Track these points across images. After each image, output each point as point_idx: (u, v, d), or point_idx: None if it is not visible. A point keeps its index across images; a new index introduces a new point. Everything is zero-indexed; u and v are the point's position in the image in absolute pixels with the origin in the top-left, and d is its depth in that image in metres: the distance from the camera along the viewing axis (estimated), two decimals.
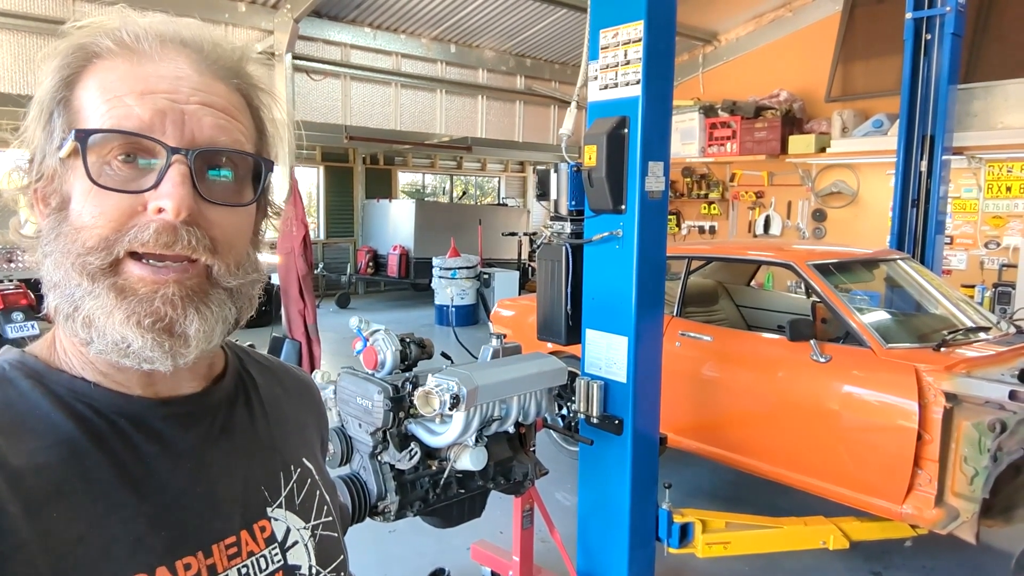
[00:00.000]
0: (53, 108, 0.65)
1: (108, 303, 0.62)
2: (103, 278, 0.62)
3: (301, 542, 0.78)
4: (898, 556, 3.65)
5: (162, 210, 0.62)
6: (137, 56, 0.65)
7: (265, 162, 0.71)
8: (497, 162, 16.18)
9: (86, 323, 0.63)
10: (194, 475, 0.70)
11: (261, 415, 0.82)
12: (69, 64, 0.65)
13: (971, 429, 3.01)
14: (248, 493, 0.75)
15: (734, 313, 5.27)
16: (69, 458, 0.62)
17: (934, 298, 4.13)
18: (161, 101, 0.63)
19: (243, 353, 0.86)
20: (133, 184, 0.63)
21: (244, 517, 0.73)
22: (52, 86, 0.65)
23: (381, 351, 2.38)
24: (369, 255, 12.62)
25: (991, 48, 6.71)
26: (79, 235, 0.63)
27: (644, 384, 2.80)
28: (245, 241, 0.71)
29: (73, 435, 0.63)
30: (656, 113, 2.66)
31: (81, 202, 0.63)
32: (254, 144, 0.72)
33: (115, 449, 0.65)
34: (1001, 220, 6.88)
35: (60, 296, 0.64)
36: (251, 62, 0.73)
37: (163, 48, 0.66)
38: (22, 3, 5.91)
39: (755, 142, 7.99)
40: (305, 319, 5.36)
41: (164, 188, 0.62)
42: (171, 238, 0.62)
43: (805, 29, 8.49)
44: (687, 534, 3.15)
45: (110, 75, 0.64)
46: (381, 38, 8.28)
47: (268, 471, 0.79)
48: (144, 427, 0.68)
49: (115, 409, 0.67)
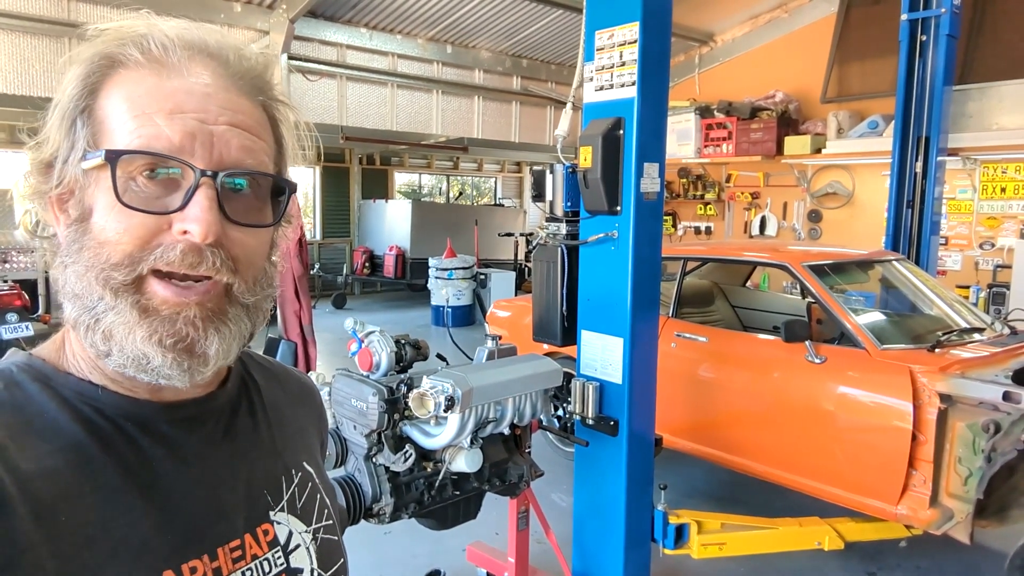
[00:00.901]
0: (76, 116, 0.64)
1: (130, 320, 0.63)
2: (126, 294, 0.63)
3: (303, 545, 0.79)
4: (893, 556, 3.66)
5: (188, 232, 0.62)
6: (166, 70, 0.64)
7: (289, 184, 0.72)
8: (493, 162, 16.18)
9: (106, 336, 0.63)
10: (199, 479, 0.70)
11: (264, 419, 0.82)
12: (93, 72, 0.64)
13: (965, 430, 3.02)
14: (251, 496, 0.75)
15: (729, 314, 5.28)
16: (77, 462, 0.63)
17: (929, 299, 4.14)
18: (191, 122, 0.63)
19: (246, 356, 0.86)
20: (159, 203, 0.63)
21: (248, 520, 0.74)
22: (75, 93, 0.64)
23: (376, 353, 2.38)
24: (365, 255, 12.60)
25: (986, 49, 6.73)
26: (103, 249, 0.63)
27: (640, 385, 2.80)
28: (264, 257, 0.72)
29: (81, 439, 0.64)
30: (652, 114, 2.66)
31: (105, 216, 0.63)
32: (274, 160, 0.72)
33: (122, 453, 0.65)
34: (996, 221, 6.90)
35: (81, 308, 0.64)
36: (270, 69, 0.73)
37: (190, 60, 0.65)
38: (18, 3, 5.89)
39: (751, 143, 8.01)
40: (301, 320, 5.35)
41: (192, 212, 0.62)
42: (197, 259, 0.63)
43: (801, 30, 8.51)
44: (682, 535, 3.15)
45: (137, 88, 0.64)
46: (377, 38, 8.27)
47: (271, 475, 0.79)
48: (150, 431, 0.68)
49: (122, 413, 0.67)
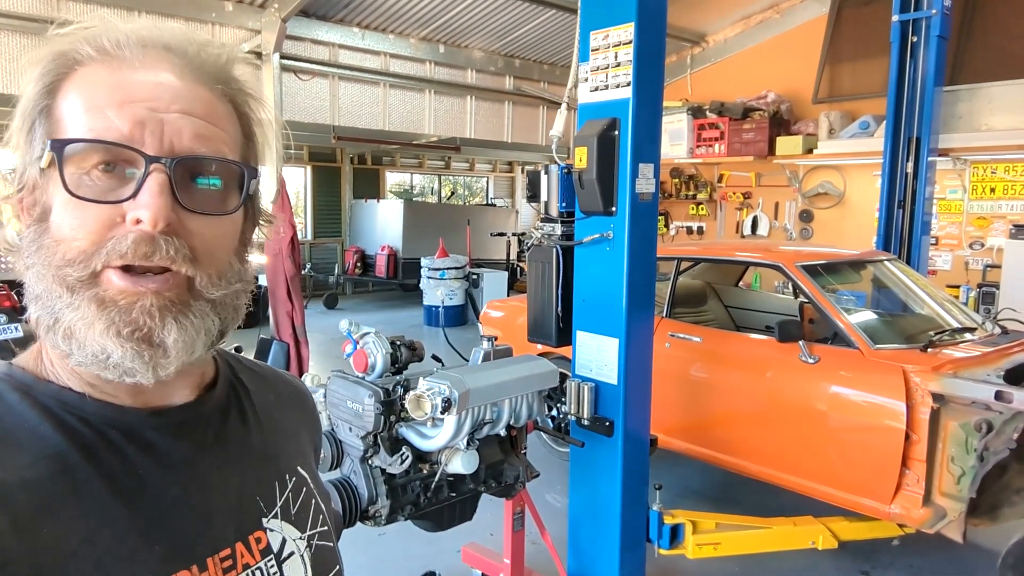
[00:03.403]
0: (35, 117, 0.64)
1: (89, 314, 0.61)
2: (83, 289, 0.61)
3: (297, 553, 0.77)
4: (886, 555, 3.67)
5: (140, 220, 0.61)
6: (118, 63, 0.63)
7: (248, 169, 0.69)
8: (485, 162, 16.17)
9: (67, 335, 0.62)
10: (187, 486, 0.69)
11: (255, 423, 0.80)
12: (50, 72, 0.63)
13: (958, 429, 3.03)
14: (243, 504, 0.74)
15: (723, 314, 5.29)
16: (59, 472, 0.61)
17: (920, 299, 4.16)
18: (140, 110, 0.62)
19: (234, 360, 0.85)
20: (111, 195, 0.61)
21: (239, 529, 0.72)
22: (34, 94, 0.64)
23: (371, 354, 2.37)
24: (357, 255, 12.57)
25: (976, 51, 6.78)
26: (59, 247, 0.62)
27: (635, 386, 2.80)
28: (228, 251, 0.69)
29: (62, 448, 0.62)
30: (647, 115, 2.66)
31: (61, 214, 0.62)
32: (240, 151, 0.70)
33: (106, 461, 0.64)
34: (985, 221, 6.95)
35: (41, 308, 0.63)
36: (238, 65, 0.71)
37: (145, 54, 0.64)
38: (7, 2, 5.83)
39: (743, 143, 8.04)
40: (293, 320, 5.33)
41: (142, 198, 0.61)
42: (150, 248, 0.61)
43: (792, 31, 8.55)
44: (677, 535, 3.16)
45: (90, 84, 0.63)
46: (369, 38, 8.24)
47: (263, 481, 0.78)
48: (135, 438, 0.66)
49: (105, 420, 0.65)
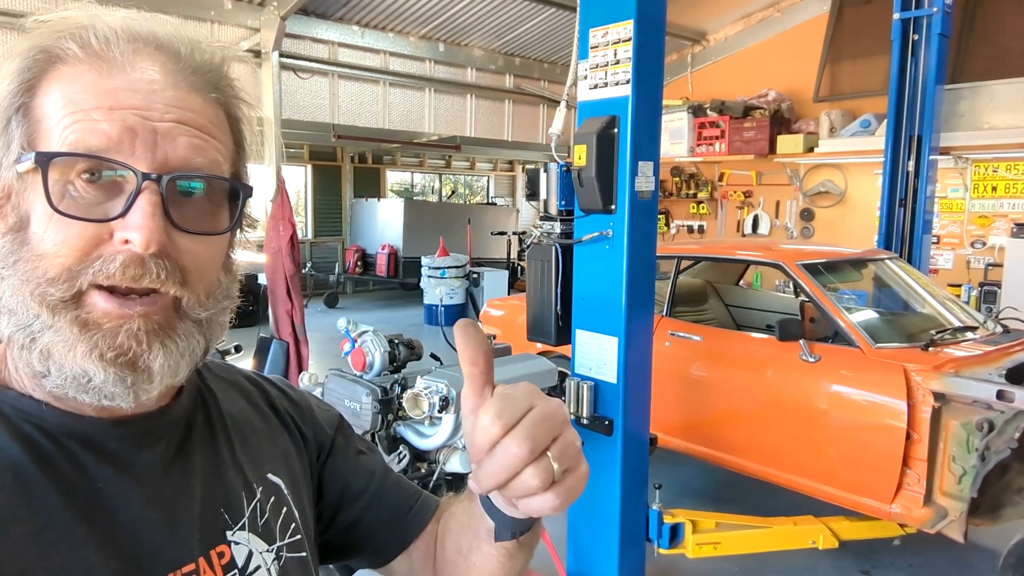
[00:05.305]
0: (11, 115, 0.59)
1: (70, 337, 0.58)
2: (65, 311, 0.58)
3: (264, 567, 0.73)
4: (887, 555, 3.66)
5: (129, 241, 0.57)
6: (106, 64, 0.59)
7: (244, 188, 0.66)
8: (486, 161, 16.17)
9: (43, 356, 0.58)
10: (150, 499, 0.65)
11: (222, 431, 0.77)
12: (30, 67, 0.59)
13: (959, 428, 3.02)
14: (206, 516, 0.70)
15: (723, 313, 5.28)
16: (12, 484, 0.58)
17: (922, 298, 4.15)
18: (131, 117, 0.58)
19: (203, 367, 0.80)
20: (98, 210, 0.58)
21: (202, 543, 0.68)
22: (11, 90, 0.59)
23: (369, 353, 2.36)
24: (357, 254, 12.57)
25: (977, 49, 6.76)
26: (40, 263, 0.58)
27: (634, 385, 2.79)
28: (217, 268, 0.66)
29: (18, 459, 0.59)
30: (646, 113, 2.65)
31: (42, 226, 0.58)
32: (231, 161, 0.67)
33: (64, 473, 0.60)
34: (987, 220, 6.94)
35: (16, 325, 0.59)
36: (232, 67, 0.67)
37: (135, 54, 0.60)
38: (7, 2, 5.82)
39: (743, 142, 8.02)
40: (293, 319, 5.32)
41: (133, 219, 0.57)
42: (139, 271, 0.57)
43: (793, 29, 8.53)
44: (677, 534, 3.15)
45: (75, 85, 0.58)
46: (369, 36, 8.23)
47: (229, 491, 0.73)
48: (96, 449, 0.63)
49: (65, 431, 0.62)
